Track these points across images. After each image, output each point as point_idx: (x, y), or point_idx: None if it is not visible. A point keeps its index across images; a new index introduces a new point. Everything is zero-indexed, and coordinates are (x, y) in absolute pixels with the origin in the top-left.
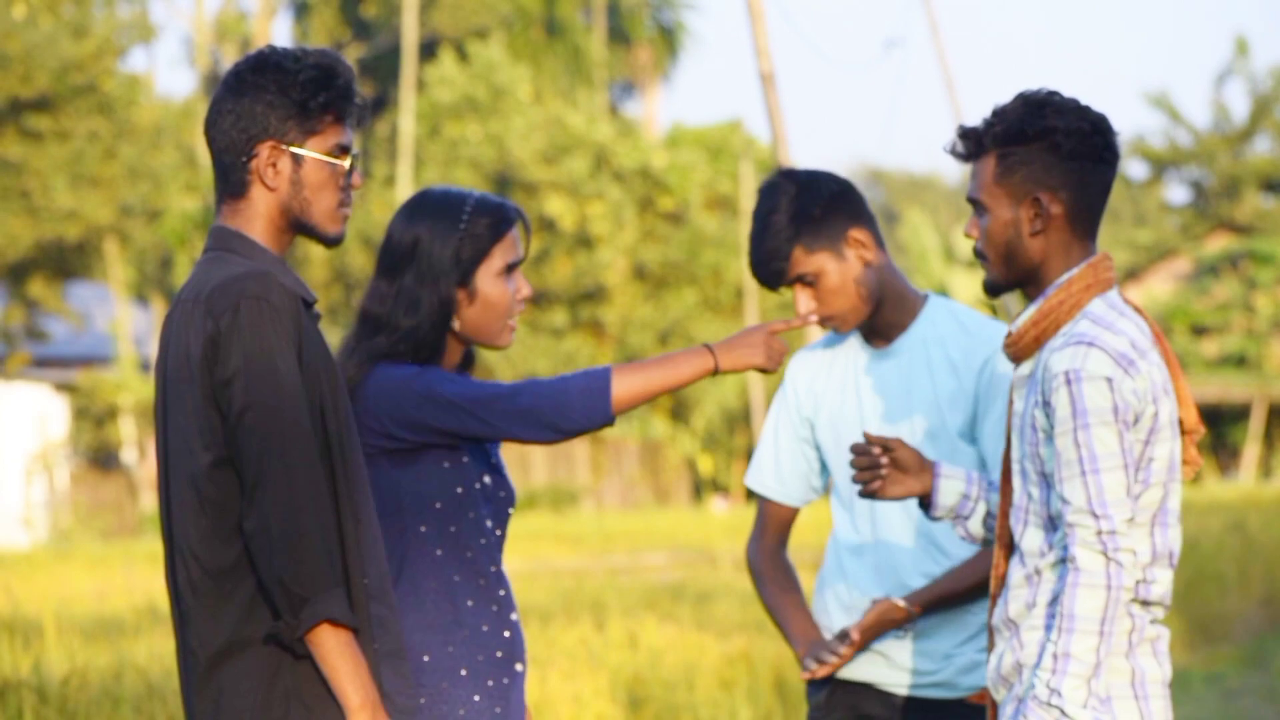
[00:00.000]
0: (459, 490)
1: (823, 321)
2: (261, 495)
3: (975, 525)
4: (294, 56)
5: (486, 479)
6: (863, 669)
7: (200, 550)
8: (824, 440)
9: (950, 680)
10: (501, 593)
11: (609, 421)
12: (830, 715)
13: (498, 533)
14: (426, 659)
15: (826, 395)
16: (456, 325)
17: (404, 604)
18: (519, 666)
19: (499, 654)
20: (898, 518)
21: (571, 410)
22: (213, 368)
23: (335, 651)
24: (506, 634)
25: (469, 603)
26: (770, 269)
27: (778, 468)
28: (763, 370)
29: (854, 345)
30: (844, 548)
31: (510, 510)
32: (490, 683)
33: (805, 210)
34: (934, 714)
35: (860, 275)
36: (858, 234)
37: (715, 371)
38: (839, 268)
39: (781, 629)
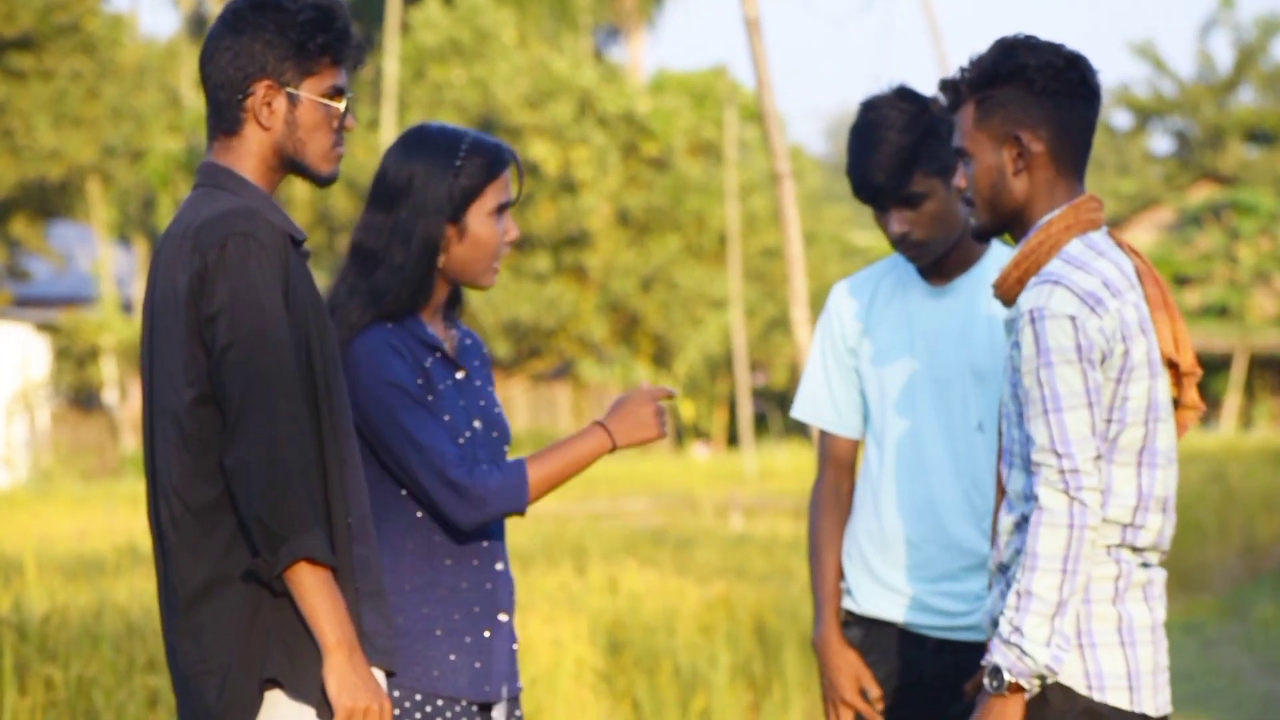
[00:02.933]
0: None
1: (910, 246)
2: (243, 432)
3: None
4: None
5: (476, 425)
6: (895, 611)
7: (182, 487)
8: (865, 372)
9: (981, 623)
10: (485, 544)
11: (521, 512)
12: (866, 656)
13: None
14: (401, 620)
15: (877, 328)
16: (442, 262)
17: (383, 566)
18: (503, 617)
19: (476, 609)
20: (938, 455)
21: (493, 498)
22: (198, 303)
23: (313, 590)
24: (488, 586)
25: (447, 561)
26: (889, 182)
27: (832, 398)
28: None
29: (906, 280)
30: (878, 483)
31: (506, 448)
32: (468, 639)
33: (935, 131)
34: (965, 655)
35: (958, 207)
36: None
37: (613, 450)
38: (946, 195)
39: (812, 575)
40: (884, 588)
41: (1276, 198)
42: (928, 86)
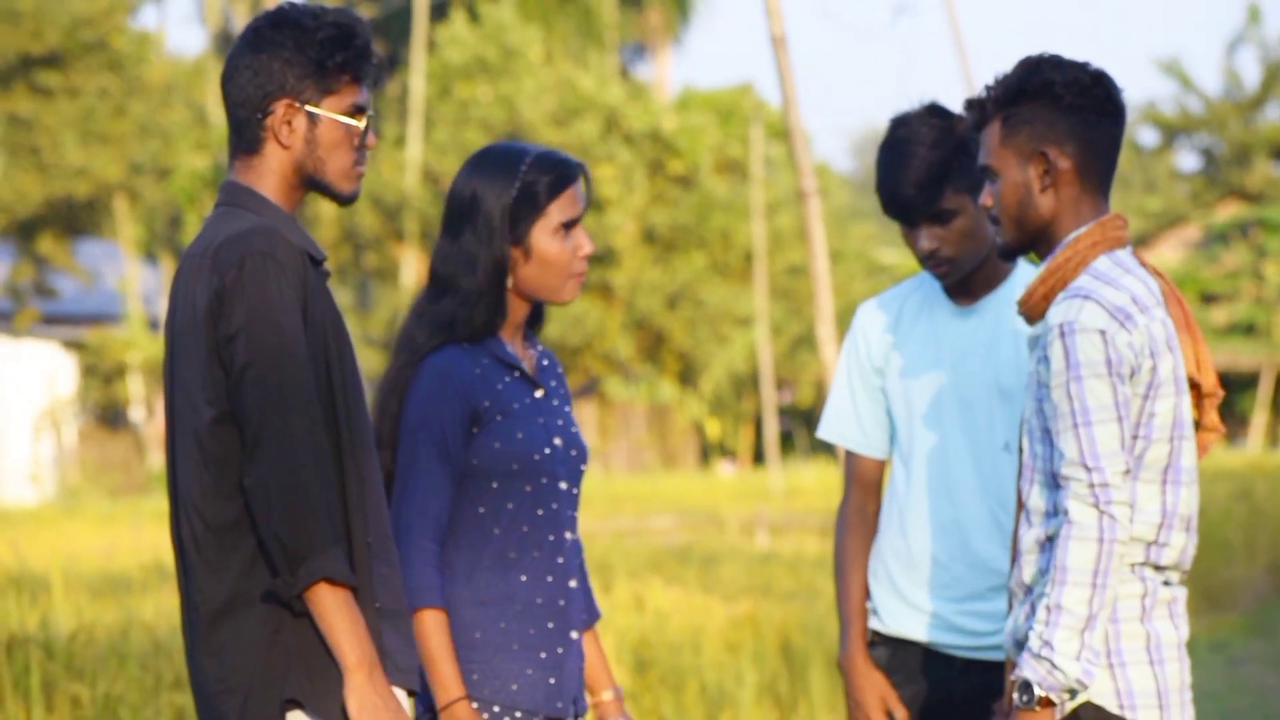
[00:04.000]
0: (514, 467)
1: (939, 263)
2: (261, 452)
3: None
4: (313, 14)
5: (556, 442)
6: (922, 631)
7: (203, 505)
8: (892, 391)
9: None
10: (559, 560)
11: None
12: (892, 676)
13: (573, 492)
14: (478, 635)
15: (903, 347)
16: (512, 283)
17: (458, 581)
18: (574, 634)
19: (551, 625)
20: (964, 474)
21: (412, 584)
22: (217, 323)
23: (332, 609)
24: (561, 603)
25: (522, 577)
26: (919, 197)
27: (858, 418)
28: None
29: (933, 299)
30: (904, 503)
31: (583, 467)
32: (543, 654)
33: (965, 147)
34: (992, 675)
35: (986, 225)
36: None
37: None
38: (976, 212)
39: (838, 595)
40: (910, 607)
41: None
42: (954, 103)
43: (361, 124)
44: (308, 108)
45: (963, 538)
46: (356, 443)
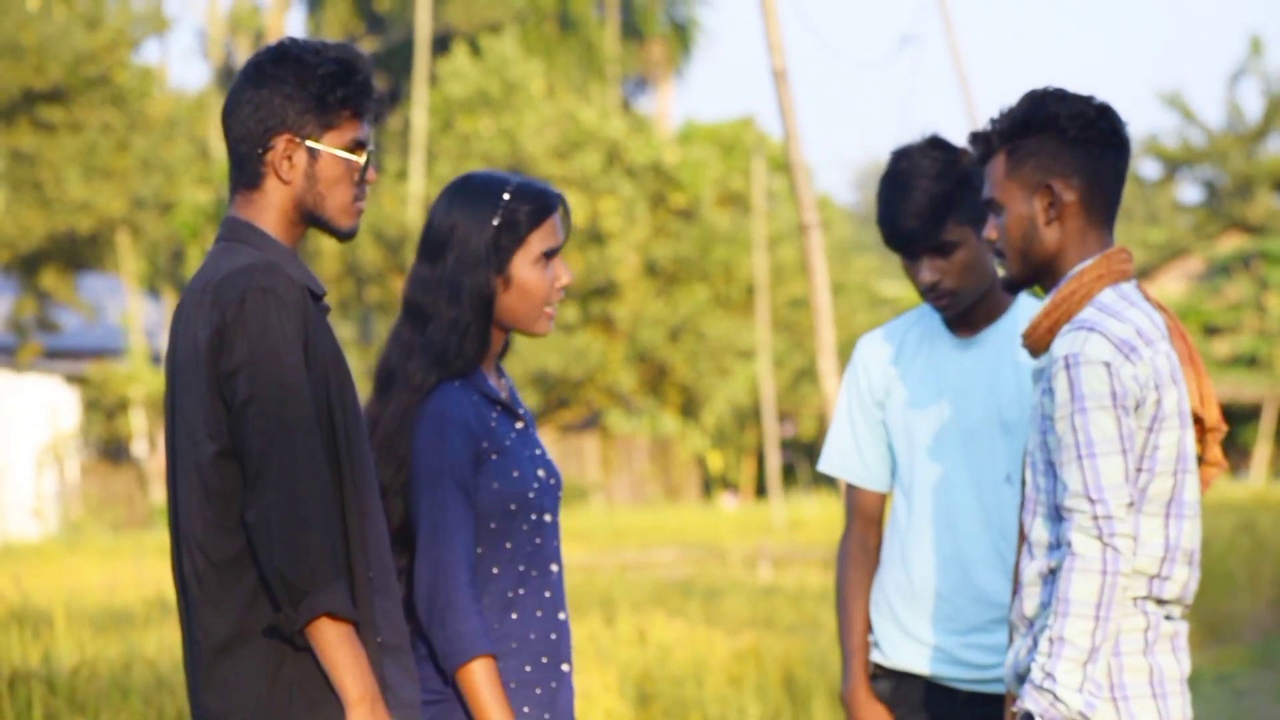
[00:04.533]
0: (512, 507)
1: (940, 296)
2: (263, 487)
3: None
4: (314, 49)
5: (540, 474)
6: (924, 664)
7: (205, 541)
8: (893, 424)
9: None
10: (548, 594)
11: (454, 665)
12: (895, 709)
13: (556, 522)
14: None
15: (904, 379)
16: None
17: None
18: (565, 667)
19: (545, 660)
20: (966, 506)
21: (458, 637)
22: (218, 358)
23: (334, 644)
24: (553, 636)
25: (513, 615)
26: (921, 230)
27: (859, 451)
28: None
29: (933, 332)
30: (906, 535)
31: (560, 495)
32: (538, 690)
33: (967, 180)
34: (995, 708)
35: (988, 257)
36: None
37: None
38: (977, 245)
39: (839, 628)
40: (912, 640)
41: None
42: (956, 136)
43: (362, 159)
44: (308, 143)
45: (965, 570)
46: (358, 477)
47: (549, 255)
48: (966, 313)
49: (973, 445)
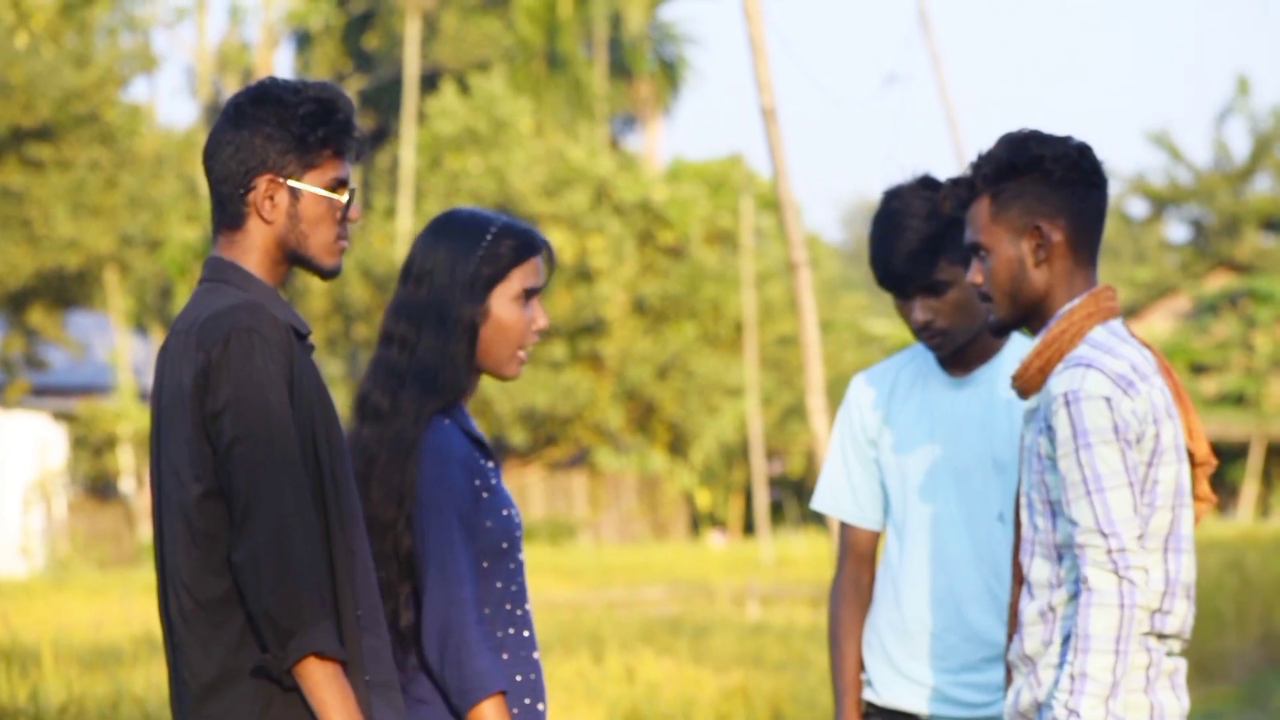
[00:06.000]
0: (504, 545)
1: (932, 335)
2: (250, 527)
3: None
4: (294, 89)
5: (518, 517)
6: (917, 702)
7: (191, 581)
8: (886, 463)
9: (1002, 715)
10: (526, 634)
11: (469, 702)
12: None
13: (523, 559)
14: None
15: (897, 418)
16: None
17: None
18: (540, 706)
19: (526, 700)
20: (959, 546)
21: (476, 675)
22: (203, 399)
23: (322, 684)
24: (532, 676)
25: (505, 656)
26: (913, 269)
27: (852, 489)
28: None
29: (926, 371)
30: (898, 574)
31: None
32: None
33: (959, 219)
34: None
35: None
36: None
37: None
38: (969, 284)
39: (832, 666)
40: (905, 678)
41: None
42: (946, 174)
43: (344, 198)
44: (290, 182)
45: (957, 608)
46: (344, 516)
47: (529, 294)
48: (959, 352)
49: (965, 484)
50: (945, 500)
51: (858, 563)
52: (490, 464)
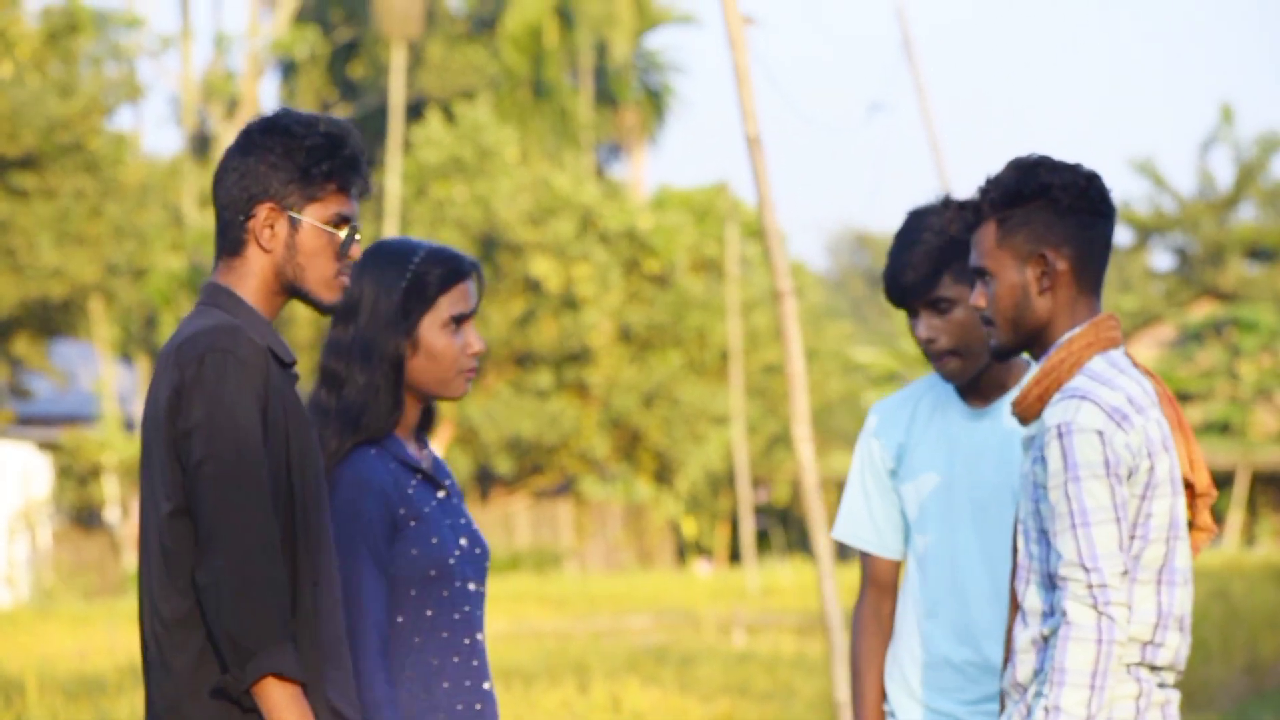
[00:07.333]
0: (432, 573)
1: (938, 356)
2: (214, 547)
3: None
4: (305, 122)
5: (463, 543)
6: None
7: (159, 601)
8: (905, 492)
9: None
10: (475, 663)
11: None
12: None
13: (481, 591)
14: None
15: (916, 449)
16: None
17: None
18: None
19: None
20: (977, 577)
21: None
22: (175, 418)
23: (281, 705)
24: (479, 706)
25: (444, 684)
26: (917, 282)
27: (873, 519)
28: None
29: (945, 401)
30: (919, 606)
31: (487, 565)
32: None
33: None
34: None
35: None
36: None
37: None
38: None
39: (853, 696)
40: (926, 709)
41: (1277, 314)
42: (929, 200)
43: (344, 234)
44: (290, 213)
45: (975, 640)
46: (312, 544)
47: (458, 320)
48: (976, 381)
49: (983, 515)
50: (963, 531)
51: (879, 592)
52: (438, 492)
